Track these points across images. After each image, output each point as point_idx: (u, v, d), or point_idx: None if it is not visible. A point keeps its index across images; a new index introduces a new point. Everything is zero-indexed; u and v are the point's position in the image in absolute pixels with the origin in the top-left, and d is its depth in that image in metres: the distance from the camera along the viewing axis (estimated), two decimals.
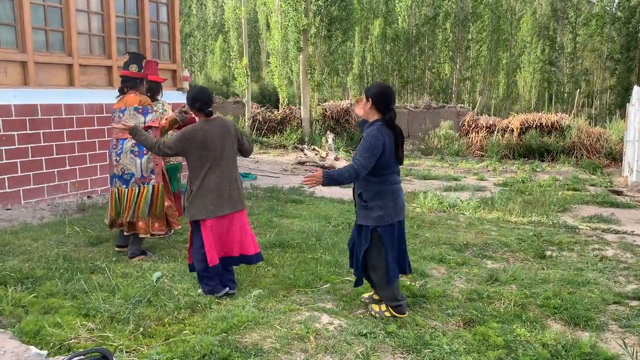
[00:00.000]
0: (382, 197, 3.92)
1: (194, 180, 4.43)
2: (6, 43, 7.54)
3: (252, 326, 3.84)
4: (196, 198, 4.39)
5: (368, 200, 3.95)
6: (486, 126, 16.90)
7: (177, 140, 4.40)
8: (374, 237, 3.98)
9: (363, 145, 3.81)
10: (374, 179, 3.91)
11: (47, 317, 3.83)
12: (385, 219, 3.93)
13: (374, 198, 3.93)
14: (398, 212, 3.99)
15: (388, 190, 3.94)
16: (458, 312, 4.20)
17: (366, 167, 3.77)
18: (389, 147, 3.85)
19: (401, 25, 33.01)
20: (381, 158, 3.82)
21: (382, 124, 3.88)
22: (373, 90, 3.96)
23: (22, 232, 6.33)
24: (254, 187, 10.05)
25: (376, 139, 3.79)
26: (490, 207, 8.46)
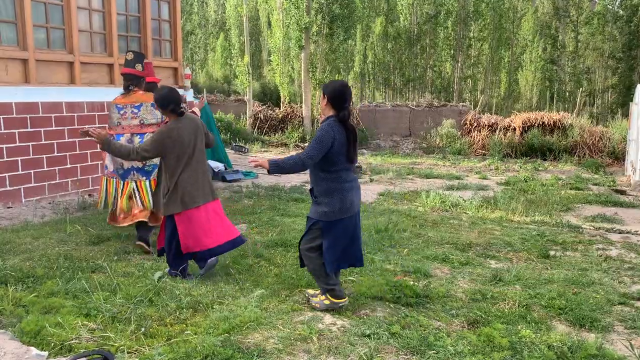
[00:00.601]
0: (330, 194, 4.04)
1: (171, 178, 4.62)
2: (7, 40, 7.51)
3: (255, 326, 3.80)
4: (174, 194, 4.60)
5: (318, 196, 4.09)
6: (488, 125, 16.84)
7: (153, 142, 4.56)
8: (314, 227, 4.13)
9: (314, 138, 3.97)
10: (324, 175, 4.03)
11: (47, 317, 3.79)
12: (329, 215, 4.05)
13: (323, 194, 4.06)
14: (345, 210, 4.07)
15: (337, 187, 4.04)
16: (462, 312, 4.17)
17: (312, 157, 3.90)
18: (338, 143, 3.95)
19: (403, 23, 32.95)
20: (330, 153, 3.94)
21: (334, 120, 3.99)
22: (330, 88, 4.05)
23: (23, 231, 6.30)
24: (256, 185, 10.02)
25: (326, 132, 3.92)
26: (493, 206, 8.42)
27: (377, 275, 4.91)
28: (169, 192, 4.63)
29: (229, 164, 11.51)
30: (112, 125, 5.76)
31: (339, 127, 3.97)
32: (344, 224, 4.10)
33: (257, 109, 20.54)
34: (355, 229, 4.22)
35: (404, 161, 14.86)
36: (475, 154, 16.46)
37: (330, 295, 4.15)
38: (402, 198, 9.11)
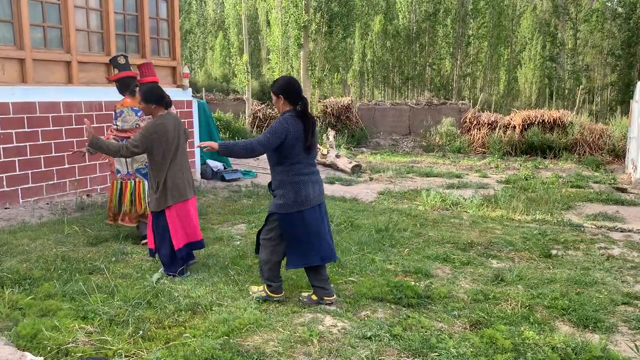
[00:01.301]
0: (283, 186, 4.12)
1: (159, 174, 4.74)
2: (3, 40, 7.45)
3: (254, 329, 3.76)
4: (164, 190, 4.73)
5: (274, 189, 4.20)
6: (488, 123, 16.79)
7: (142, 137, 4.65)
8: (271, 219, 4.23)
9: (268, 129, 4.07)
10: (279, 169, 4.13)
11: (44, 320, 3.74)
12: (284, 207, 4.12)
13: (278, 187, 4.16)
14: (300, 202, 4.11)
15: (290, 180, 4.11)
16: (464, 313, 4.13)
17: (264, 145, 3.99)
18: (292, 137, 4.02)
19: (401, 21, 32.88)
20: (283, 146, 4.02)
21: (291, 114, 4.10)
22: (280, 86, 4.14)
23: (21, 232, 6.25)
24: (255, 184, 9.97)
25: (280, 125, 4.03)
26: (494, 205, 8.37)
27: (378, 276, 4.86)
28: (159, 187, 4.74)
29: (227, 163, 11.45)
30: (126, 128, 5.91)
31: (295, 120, 4.07)
32: (301, 217, 4.13)
33: (256, 107, 20.47)
34: (319, 224, 4.23)
35: (404, 160, 14.81)
36: (475, 152, 16.40)
37: (269, 290, 4.30)
38: (402, 197, 9.07)
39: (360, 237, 6.13)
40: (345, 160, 12.55)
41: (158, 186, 4.75)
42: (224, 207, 7.99)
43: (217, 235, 6.29)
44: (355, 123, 18.60)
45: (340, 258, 5.30)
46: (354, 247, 5.71)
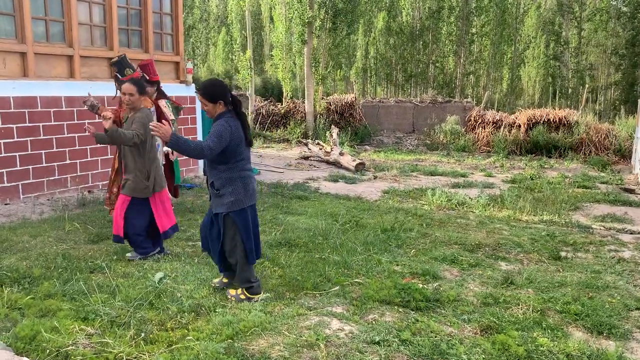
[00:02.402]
0: (232, 183, 4.13)
1: (150, 162, 5.09)
2: (5, 33, 7.34)
3: (259, 332, 3.65)
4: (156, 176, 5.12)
5: (220, 188, 4.14)
6: (493, 121, 16.66)
7: (143, 126, 4.94)
8: (227, 222, 4.18)
9: (213, 132, 4.02)
10: (223, 167, 4.12)
11: (43, 321, 3.64)
12: (237, 204, 4.13)
13: (225, 185, 4.13)
14: (249, 197, 4.20)
15: (237, 176, 4.15)
16: (474, 317, 4.02)
17: (212, 150, 3.95)
18: (236, 137, 4.08)
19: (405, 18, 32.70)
20: (229, 147, 4.06)
21: (230, 115, 4.13)
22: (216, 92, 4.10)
23: (21, 228, 6.15)
24: (258, 182, 9.85)
25: (224, 128, 4.02)
26: (500, 205, 8.27)
27: (385, 278, 4.76)
28: (150, 175, 5.08)
29: None
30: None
31: (234, 120, 4.12)
32: (252, 210, 4.24)
33: (259, 104, 20.35)
34: (256, 218, 4.35)
35: (408, 158, 14.70)
36: (479, 151, 16.28)
37: (248, 291, 4.27)
38: (407, 196, 8.96)
39: (365, 237, 6.03)
40: (349, 158, 12.44)
41: (149, 174, 5.08)
42: None
43: None
44: (359, 120, 18.48)
45: (346, 259, 5.21)
46: (359, 248, 5.61)
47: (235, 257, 4.25)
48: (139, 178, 5.06)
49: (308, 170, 12.07)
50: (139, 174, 5.06)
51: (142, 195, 5.10)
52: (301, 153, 14.31)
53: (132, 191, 5.09)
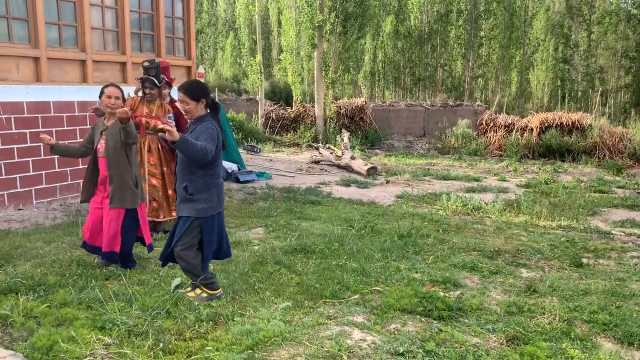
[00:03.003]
0: (208, 190, 4.08)
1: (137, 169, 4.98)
2: (18, 38, 7.32)
3: (280, 342, 3.57)
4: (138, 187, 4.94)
5: (194, 193, 4.06)
6: (504, 125, 16.51)
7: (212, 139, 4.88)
8: (193, 226, 4.11)
9: (206, 135, 3.95)
10: (202, 172, 4.04)
11: (60, 329, 3.58)
12: (208, 211, 4.10)
13: (201, 191, 4.06)
14: (219, 204, 4.19)
15: (214, 183, 4.12)
16: (499, 327, 3.91)
17: (212, 153, 3.93)
18: (220, 142, 4.08)
19: (413, 22, 32.61)
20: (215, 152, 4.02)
21: (213, 119, 4.10)
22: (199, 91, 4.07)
23: (34, 234, 6.10)
24: (270, 187, 9.79)
25: (213, 130, 4.01)
26: (516, 210, 8.15)
27: (405, 285, 4.66)
28: (137, 183, 4.93)
29: (242, 164, 11.29)
30: None
31: (216, 123, 4.10)
32: (218, 218, 4.22)
33: (269, 108, 20.31)
34: (222, 222, 4.35)
35: (419, 162, 14.59)
36: (491, 154, 16.14)
37: (209, 288, 4.24)
38: (421, 200, 8.85)
39: (382, 243, 5.94)
40: (361, 162, 12.35)
41: (137, 182, 4.94)
42: (240, 210, 7.82)
43: (235, 239, 6.11)
44: (369, 124, 18.39)
45: (364, 266, 5.12)
46: (377, 254, 5.51)
47: (189, 263, 4.17)
48: (129, 187, 4.83)
49: (319, 175, 11.99)
50: (129, 183, 4.84)
51: (133, 206, 4.89)
52: (312, 157, 14.23)
53: (123, 203, 4.85)
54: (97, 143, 4.95)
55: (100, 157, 4.92)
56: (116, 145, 4.81)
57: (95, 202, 4.99)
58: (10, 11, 7.18)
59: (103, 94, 4.90)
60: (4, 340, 3.52)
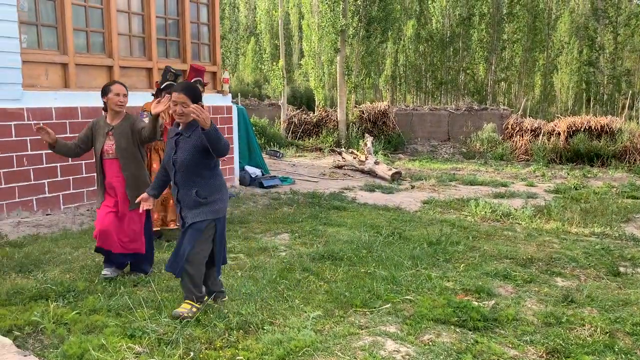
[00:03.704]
0: (220, 190, 4.03)
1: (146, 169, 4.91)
2: (47, 45, 7.40)
3: (311, 352, 3.49)
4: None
5: (208, 195, 3.96)
6: (531, 129, 16.24)
7: None
8: (208, 228, 3.98)
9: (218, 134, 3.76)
10: (210, 173, 3.97)
11: (90, 337, 3.55)
12: (222, 211, 4.06)
13: (215, 192, 3.99)
14: (227, 202, 4.17)
15: (222, 183, 4.08)
16: (537, 339, 3.78)
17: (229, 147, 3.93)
18: None
19: (435, 25, 32.38)
20: None
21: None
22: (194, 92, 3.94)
23: (63, 239, 6.13)
24: (294, 192, 9.74)
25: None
26: (547, 216, 7.95)
27: (437, 294, 4.55)
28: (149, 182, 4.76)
29: (265, 169, 11.27)
30: None
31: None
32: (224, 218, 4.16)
33: (291, 113, 20.31)
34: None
35: (444, 167, 14.40)
36: (517, 159, 15.87)
37: (198, 302, 4.07)
38: (448, 206, 8.71)
39: (411, 250, 5.82)
40: (385, 167, 12.23)
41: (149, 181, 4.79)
42: (265, 215, 7.77)
43: (261, 245, 6.06)
44: (392, 128, 18.26)
45: (394, 273, 5.01)
46: (406, 262, 5.40)
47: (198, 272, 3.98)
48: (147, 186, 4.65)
49: (343, 180, 11.91)
50: (146, 182, 4.72)
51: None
52: (334, 162, 14.16)
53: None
54: (102, 144, 4.68)
55: (107, 159, 4.71)
56: (128, 145, 4.66)
57: (108, 206, 4.73)
58: (40, 18, 7.26)
59: (110, 92, 4.64)
60: (35, 347, 3.50)
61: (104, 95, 4.67)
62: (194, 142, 3.86)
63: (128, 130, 4.66)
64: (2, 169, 6.75)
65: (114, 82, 4.80)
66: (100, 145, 4.70)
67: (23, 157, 6.96)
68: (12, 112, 6.84)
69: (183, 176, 3.93)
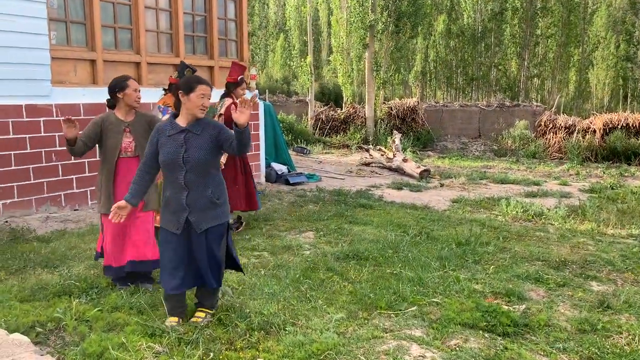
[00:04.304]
0: (224, 188, 3.84)
1: None
2: (76, 41, 7.46)
3: (334, 355, 3.39)
4: None
5: (220, 196, 3.76)
6: (565, 127, 15.78)
7: None
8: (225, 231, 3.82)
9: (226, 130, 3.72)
10: (215, 171, 3.77)
11: (111, 335, 3.52)
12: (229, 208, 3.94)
13: (223, 192, 3.82)
14: None
15: (222, 180, 3.87)
16: (570, 346, 3.60)
17: None
18: None
19: (466, 20, 31.85)
20: None
21: None
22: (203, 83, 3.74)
23: (89, 235, 6.16)
24: (320, 189, 9.64)
25: None
26: (581, 216, 7.67)
27: (465, 297, 4.39)
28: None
29: (292, 166, 11.20)
30: None
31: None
32: None
33: (318, 109, 20.22)
34: None
35: (475, 164, 14.11)
36: (551, 157, 15.45)
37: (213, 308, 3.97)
38: (478, 205, 8.49)
39: (439, 250, 5.66)
40: (413, 164, 12.03)
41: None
42: (290, 212, 7.69)
43: (285, 243, 5.99)
44: (421, 125, 17.99)
45: (421, 275, 4.87)
46: (434, 263, 5.25)
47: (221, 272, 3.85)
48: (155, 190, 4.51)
49: (370, 177, 11.76)
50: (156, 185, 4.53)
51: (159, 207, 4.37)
52: (361, 159, 14.01)
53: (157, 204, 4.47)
54: (118, 142, 4.35)
55: (124, 158, 4.39)
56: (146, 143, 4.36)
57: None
58: (69, 15, 7.32)
59: (128, 87, 4.39)
60: (56, 344, 3.50)
61: (121, 91, 4.39)
62: (208, 139, 3.64)
63: (146, 127, 4.43)
64: (32, 164, 6.84)
65: (128, 77, 4.53)
66: (116, 143, 4.35)
67: (52, 152, 7.03)
68: (41, 108, 6.92)
69: (196, 176, 3.63)
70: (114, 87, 4.44)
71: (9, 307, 3.91)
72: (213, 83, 8.90)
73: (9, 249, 5.51)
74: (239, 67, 6.71)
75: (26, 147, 6.79)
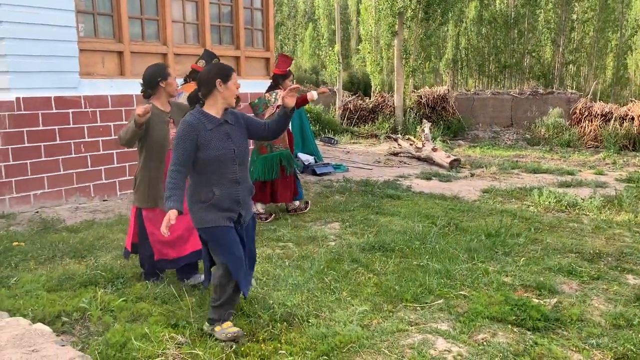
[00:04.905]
0: None
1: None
2: (104, 33, 7.52)
3: (357, 349, 3.34)
4: None
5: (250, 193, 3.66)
6: (601, 114, 15.26)
7: None
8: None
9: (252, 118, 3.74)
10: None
11: (134, 325, 3.54)
12: None
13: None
14: None
15: None
16: (604, 342, 3.47)
17: None
18: None
19: (499, 6, 31.10)
20: None
21: None
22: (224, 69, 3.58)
23: (117, 225, 6.23)
24: (347, 179, 9.55)
25: None
26: (617, 207, 7.41)
27: (493, 290, 4.27)
28: None
29: (319, 156, 11.13)
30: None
31: None
32: None
33: (346, 99, 20.06)
34: None
35: (507, 154, 13.79)
36: (586, 146, 14.99)
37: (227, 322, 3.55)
38: (510, 196, 8.28)
39: (468, 242, 5.53)
40: (443, 153, 11.82)
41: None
42: (316, 203, 7.63)
43: (310, 234, 5.94)
44: (452, 114, 17.67)
45: (448, 267, 4.76)
46: (462, 255, 5.13)
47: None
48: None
49: (398, 167, 11.60)
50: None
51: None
52: (390, 149, 13.84)
53: None
54: (165, 133, 4.18)
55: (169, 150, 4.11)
56: None
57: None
58: (96, 7, 7.38)
59: (170, 76, 4.23)
60: (81, 334, 3.53)
61: (164, 80, 4.20)
62: (244, 129, 3.53)
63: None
64: (61, 155, 6.94)
65: (167, 66, 4.42)
66: (163, 133, 4.16)
67: (80, 144, 7.13)
68: (70, 100, 7.01)
69: (244, 168, 3.51)
70: (155, 76, 4.22)
71: (36, 296, 3.97)
72: (239, 73, 8.88)
73: (39, 238, 5.61)
74: (287, 59, 6.74)
75: (55, 138, 6.89)
